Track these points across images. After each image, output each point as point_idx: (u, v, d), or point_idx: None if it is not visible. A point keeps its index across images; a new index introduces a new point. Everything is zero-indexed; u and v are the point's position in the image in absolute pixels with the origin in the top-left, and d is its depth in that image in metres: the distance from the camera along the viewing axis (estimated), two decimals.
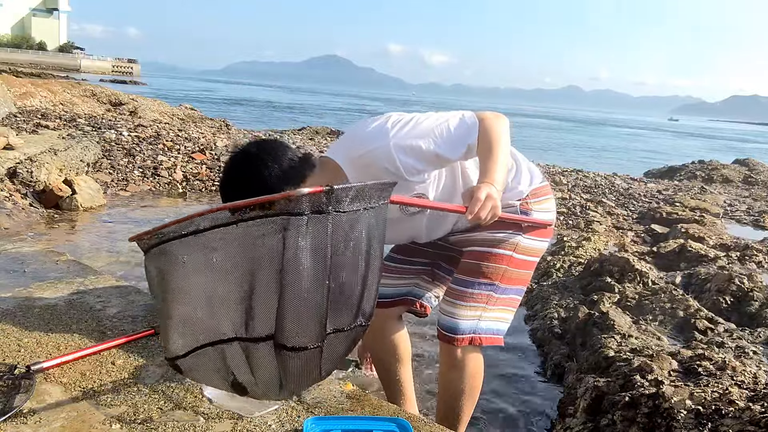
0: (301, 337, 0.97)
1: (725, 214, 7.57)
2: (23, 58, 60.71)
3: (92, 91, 12.56)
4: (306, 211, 0.91)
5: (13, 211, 4.16)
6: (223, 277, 0.94)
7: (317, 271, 0.95)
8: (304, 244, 0.92)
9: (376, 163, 1.47)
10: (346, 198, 0.97)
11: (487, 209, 1.36)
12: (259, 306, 0.95)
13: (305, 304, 0.96)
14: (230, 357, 1.00)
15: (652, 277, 3.66)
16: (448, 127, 1.49)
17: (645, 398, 1.98)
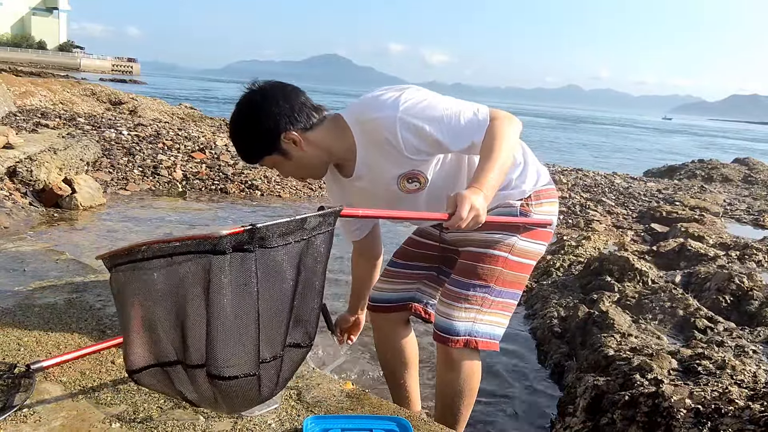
0: (231, 368, 1.00)
1: (725, 213, 7.57)
2: (23, 57, 60.68)
3: (92, 90, 12.56)
4: (228, 249, 0.94)
5: (13, 210, 4.15)
6: (160, 305, 0.99)
7: (243, 306, 0.98)
8: (227, 280, 0.95)
9: (379, 132, 1.47)
10: (272, 235, 0.99)
11: (468, 220, 1.33)
12: (191, 335, 1.00)
13: (232, 337, 0.99)
14: (176, 378, 1.05)
15: (651, 276, 3.66)
16: (458, 117, 1.47)
17: (645, 397, 1.98)
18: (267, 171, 6.55)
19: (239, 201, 5.78)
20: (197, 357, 1.01)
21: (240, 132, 1.50)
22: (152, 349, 1.03)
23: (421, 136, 1.46)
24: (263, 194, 6.08)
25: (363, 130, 1.51)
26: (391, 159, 1.51)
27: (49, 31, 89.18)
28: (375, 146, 1.51)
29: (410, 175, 1.55)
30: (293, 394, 1.52)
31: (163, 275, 0.97)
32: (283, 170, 1.56)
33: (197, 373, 1.02)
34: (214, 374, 1.00)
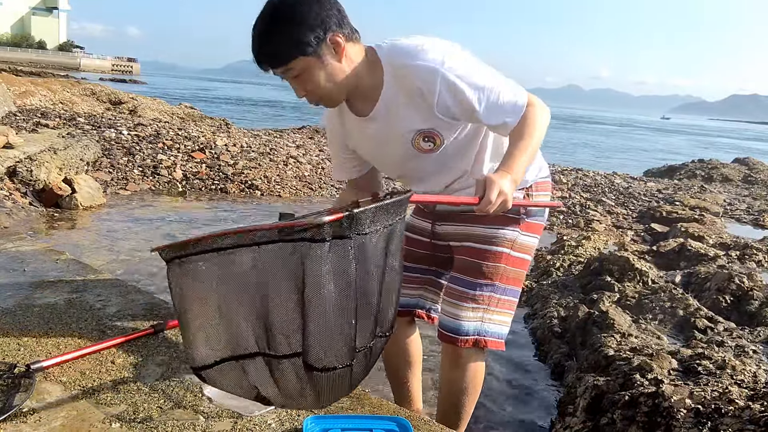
0: (330, 359, 0.97)
1: (725, 213, 7.57)
2: (23, 57, 60.68)
3: (92, 90, 12.56)
4: (327, 237, 0.90)
5: (13, 210, 4.15)
6: (243, 295, 0.94)
7: (342, 295, 0.95)
8: (327, 268, 0.91)
9: (413, 80, 1.40)
10: (367, 221, 0.97)
11: (496, 205, 1.33)
12: (281, 325, 0.95)
13: (332, 327, 0.96)
14: (252, 372, 1.00)
15: (651, 276, 3.66)
16: (498, 93, 1.43)
17: (645, 397, 1.98)
18: (267, 171, 6.55)
19: (239, 201, 5.78)
20: (288, 347, 0.96)
21: (278, 23, 1.33)
22: (228, 342, 0.97)
23: (457, 99, 1.40)
24: (263, 194, 6.08)
25: (396, 74, 1.42)
26: (416, 111, 1.45)
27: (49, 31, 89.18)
28: (404, 93, 1.44)
29: (428, 133, 1.48)
30: None
31: (252, 264, 0.92)
32: (308, 79, 1.37)
33: (285, 364, 0.97)
34: (311, 364, 0.96)
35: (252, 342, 0.97)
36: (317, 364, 0.96)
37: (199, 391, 1.47)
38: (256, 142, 7.75)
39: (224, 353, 0.98)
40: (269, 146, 7.58)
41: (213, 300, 0.96)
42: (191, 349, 1.00)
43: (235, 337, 0.97)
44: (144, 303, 2.02)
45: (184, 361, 1.63)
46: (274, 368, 0.98)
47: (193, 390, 1.48)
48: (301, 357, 0.96)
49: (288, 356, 0.96)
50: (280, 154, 7.25)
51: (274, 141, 8.26)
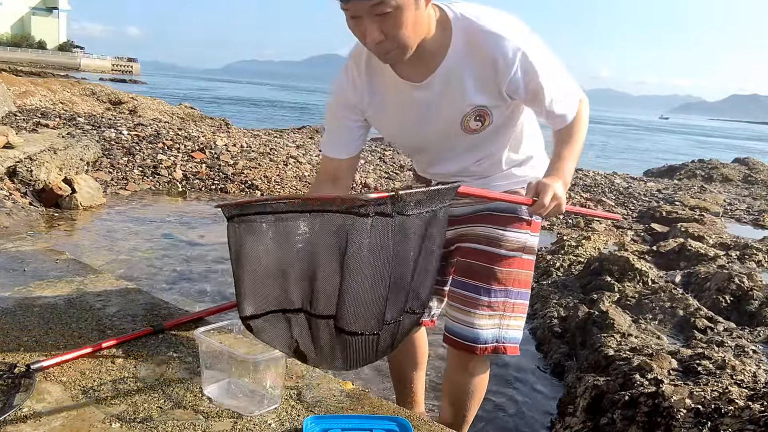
0: (358, 325, 1.04)
1: (725, 213, 7.57)
2: (23, 57, 60.67)
3: (92, 90, 12.56)
4: (371, 213, 0.97)
5: (13, 209, 4.15)
6: (293, 255, 1.04)
7: (377, 268, 1.01)
8: (367, 241, 0.99)
9: (491, 51, 1.30)
10: (410, 203, 1.01)
11: (550, 209, 1.35)
12: (322, 288, 1.04)
13: (364, 296, 1.03)
14: (295, 326, 1.09)
15: (651, 276, 3.66)
16: (565, 86, 1.41)
17: (645, 397, 1.98)
18: (267, 171, 6.55)
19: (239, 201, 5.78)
20: (325, 308, 1.04)
21: None
22: (277, 296, 1.07)
23: (528, 80, 1.34)
24: (263, 194, 6.08)
25: (471, 40, 1.31)
26: (481, 84, 1.35)
27: (49, 31, 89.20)
28: (475, 62, 1.33)
29: (482, 111, 1.40)
30: (293, 393, 1.52)
31: (306, 228, 1.01)
32: (396, 20, 1.22)
33: (320, 324, 1.05)
34: (342, 327, 1.03)
35: (298, 298, 1.07)
36: (346, 327, 1.03)
37: (199, 392, 1.47)
38: (256, 142, 7.75)
39: (272, 305, 1.08)
40: (269, 146, 7.59)
41: (267, 257, 1.05)
42: (242, 300, 1.10)
43: (284, 292, 1.07)
44: (144, 303, 2.02)
45: (184, 360, 1.63)
46: (313, 325, 1.07)
47: (193, 390, 1.48)
48: (334, 320, 1.03)
49: (324, 317, 1.04)
50: (280, 154, 7.25)
51: (274, 141, 8.26)
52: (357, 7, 1.18)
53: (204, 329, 1.46)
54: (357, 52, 1.44)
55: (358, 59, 1.44)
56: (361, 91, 1.45)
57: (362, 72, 1.43)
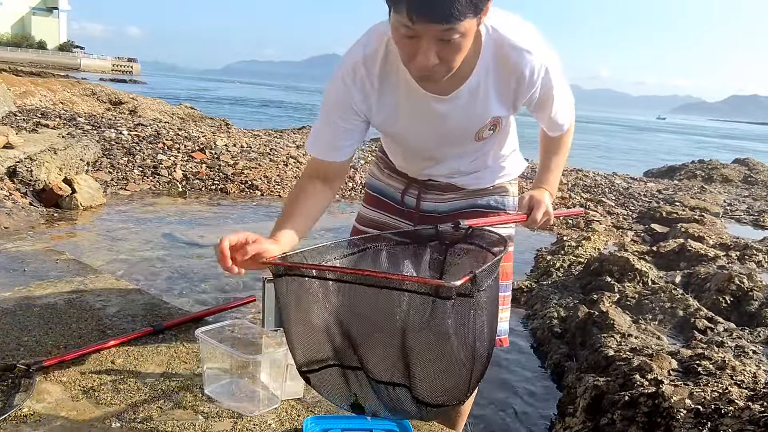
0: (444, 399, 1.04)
1: (725, 214, 7.57)
2: (23, 57, 60.68)
3: (92, 90, 12.56)
4: (453, 296, 0.96)
5: (13, 210, 4.15)
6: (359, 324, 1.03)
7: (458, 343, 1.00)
8: (450, 322, 0.98)
9: (513, 65, 1.28)
10: (485, 279, 1.01)
11: (541, 222, 1.44)
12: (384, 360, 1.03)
13: (454, 371, 1.02)
14: (353, 381, 1.09)
15: (651, 277, 3.66)
16: (568, 98, 1.45)
17: (644, 397, 1.98)
18: (267, 171, 6.55)
19: (239, 201, 5.78)
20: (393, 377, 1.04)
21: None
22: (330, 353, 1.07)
23: (544, 93, 1.36)
24: (263, 194, 6.08)
25: (497, 54, 1.28)
26: (502, 96, 1.34)
27: (49, 31, 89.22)
28: (500, 74, 1.31)
29: (496, 121, 1.40)
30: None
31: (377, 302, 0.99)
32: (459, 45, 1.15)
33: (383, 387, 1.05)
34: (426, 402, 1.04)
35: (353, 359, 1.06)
36: (428, 400, 1.04)
37: (199, 391, 1.47)
38: (256, 142, 7.75)
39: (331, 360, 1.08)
40: (269, 146, 7.59)
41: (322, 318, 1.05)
42: (297, 355, 1.09)
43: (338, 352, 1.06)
44: (144, 303, 2.02)
45: (184, 360, 1.63)
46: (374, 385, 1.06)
47: (193, 390, 1.48)
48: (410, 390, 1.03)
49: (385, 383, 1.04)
50: (280, 155, 7.25)
51: (274, 141, 8.26)
52: (426, 30, 1.09)
53: (204, 329, 1.46)
54: (370, 56, 1.32)
55: (370, 63, 1.32)
56: (369, 95, 1.35)
57: (374, 77, 1.33)
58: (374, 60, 1.31)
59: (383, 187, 1.68)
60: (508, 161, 1.63)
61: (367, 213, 1.70)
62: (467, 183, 1.58)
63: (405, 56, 1.19)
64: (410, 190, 1.61)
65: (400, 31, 1.13)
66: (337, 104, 1.36)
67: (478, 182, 1.58)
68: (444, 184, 1.58)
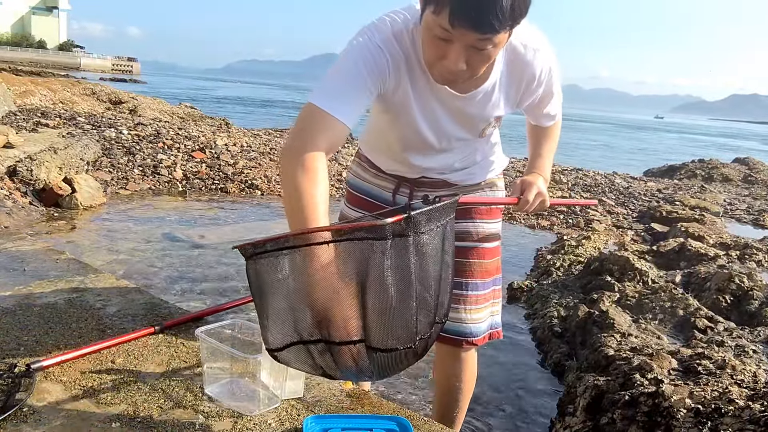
0: (392, 343, 1.05)
1: (725, 213, 7.57)
2: (23, 57, 60.68)
3: (92, 90, 12.55)
4: (389, 236, 0.99)
5: (13, 209, 4.15)
6: (308, 288, 1.04)
7: (403, 287, 1.02)
8: (389, 263, 1.00)
9: (523, 67, 1.32)
10: (423, 221, 1.04)
11: (535, 205, 1.44)
12: (344, 315, 1.03)
13: (395, 314, 1.04)
14: (316, 354, 1.09)
15: (651, 276, 3.66)
16: (560, 95, 1.51)
17: (645, 397, 1.98)
18: (267, 170, 6.55)
19: (239, 200, 5.78)
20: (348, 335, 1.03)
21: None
22: (292, 329, 1.08)
23: (545, 92, 1.42)
24: (263, 194, 6.08)
25: (510, 58, 1.31)
26: (510, 96, 1.38)
27: (49, 31, 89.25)
28: (512, 76, 1.35)
29: (499, 118, 1.44)
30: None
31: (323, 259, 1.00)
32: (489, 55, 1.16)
33: (343, 349, 1.05)
34: (375, 347, 1.04)
35: (314, 330, 1.05)
36: (381, 346, 1.04)
37: (200, 391, 1.47)
38: (257, 141, 7.75)
39: (293, 338, 1.08)
40: (269, 146, 7.59)
41: (283, 292, 1.06)
42: (266, 333, 1.10)
43: (301, 324, 1.06)
44: (144, 303, 2.02)
45: (184, 360, 1.63)
46: (334, 352, 1.06)
47: (193, 390, 1.48)
48: (363, 343, 1.04)
49: (348, 342, 1.04)
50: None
51: (274, 140, 8.26)
52: (462, 36, 1.09)
53: (204, 328, 1.46)
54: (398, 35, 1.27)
55: (399, 42, 1.28)
56: (397, 71, 1.29)
57: (402, 56, 1.28)
58: (401, 40, 1.28)
59: (369, 187, 1.66)
60: (495, 155, 1.65)
61: (352, 214, 1.69)
62: (460, 179, 1.60)
63: (432, 56, 1.19)
64: (402, 189, 1.60)
65: (433, 31, 1.13)
66: (372, 64, 1.24)
67: (470, 178, 1.60)
68: (436, 181, 1.58)
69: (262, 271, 1.05)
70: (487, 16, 1.05)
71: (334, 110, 1.19)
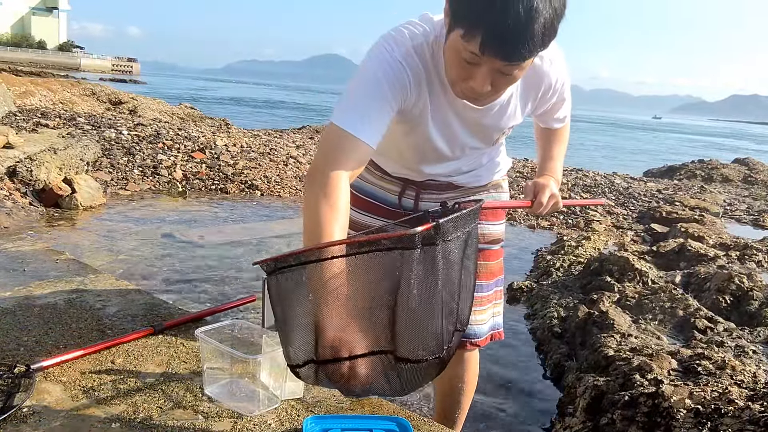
0: (420, 353, 1.03)
1: (725, 214, 7.57)
2: (23, 57, 60.69)
3: (92, 90, 12.55)
4: (418, 245, 0.97)
5: (13, 209, 4.15)
6: (334, 301, 1.00)
7: (431, 295, 1.00)
8: (416, 272, 0.98)
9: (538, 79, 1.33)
10: (450, 229, 1.02)
11: (548, 207, 1.43)
12: (370, 326, 1.01)
13: (423, 324, 1.02)
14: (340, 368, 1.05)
15: (651, 277, 3.66)
16: (569, 101, 1.51)
17: (644, 397, 1.98)
18: (267, 171, 6.55)
19: (239, 201, 5.78)
20: (375, 345, 1.01)
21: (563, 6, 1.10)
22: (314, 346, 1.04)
23: (558, 99, 1.44)
24: (263, 194, 6.08)
25: (528, 71, 1.25)
26: (522, 106, 1.38)
27: (49, 31, 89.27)
28: (527, 87, 1.35)
29: (511, 127, 1.45)
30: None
31: (345, 273, 0.97)
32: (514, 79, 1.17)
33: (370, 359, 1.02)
34: (404, 357, 1.01)
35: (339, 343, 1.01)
36: (410, 356, 1.01)
37: (199, 391, 1.47)
38: (256, 142, 7.75)
39: (314, 355, 1.04)
40: (269, 146, 7.59)
41: (307, 306, 1.02)
42: (288, 349, 1.06)
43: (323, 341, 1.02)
44: (144, 303, 2.02)
45: (184, 360, 1.63)
46: (359, 365, 1.03)
47: (193, 390, 1.48)
48: (392, 353, 1.01)
49: (373, 353, 1.02)
50: (280, 154, 7.25)
51: (274, 141, 8.26)
52: (492, 62, 1.09)
53: (204, 329, 1.46)
54: (419, 47, 1.26)
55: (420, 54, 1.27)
56: (418, 84, 1.28)
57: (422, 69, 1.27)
58: (422, 54, 1.27)
59: (375, 190, 1.65)
60: (500, 157, 1.66)
61: (358, 218, 1.66)
62: (466, 181, 1.59)
63: (456, 76, 1.18)
64: (407, 191, 1.59)
65: (461, 54, 1.12)
66: (393, 81, 1.22)
67: (477, 180, 1.60)
68: (442, 183, 1.58)
69: (285, 286, 1.02)
70: (519, 46, 1.05)
71: (358, 132, 1.18)
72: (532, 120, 1.61)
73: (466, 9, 1.07)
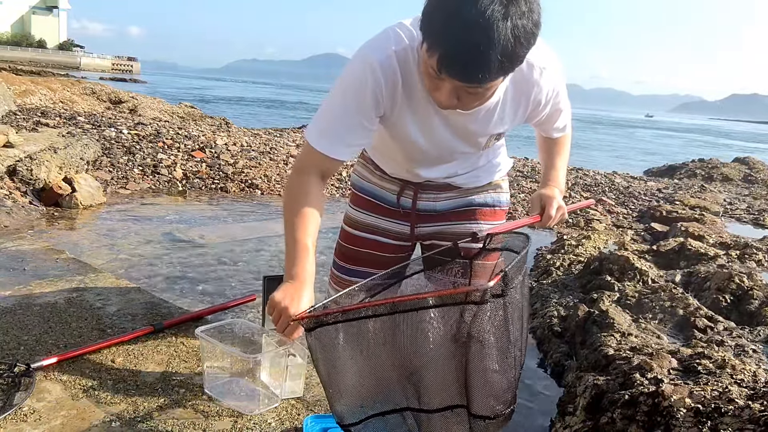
0: (498, 407, 1.00)
1: (725, 213, 7.57)
2: (23, 56, 60.67)
3: (92, 89, 12.55)
4: (489, 299, 0.93)
5: (13, 209, 4.15)
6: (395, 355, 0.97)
7: (503, 346, 0.99)
8: (489, 326, 0.95)
9: (529, 86, 1.29)
10: (515, 276, 1.00)
11: (556, 218, 1.45)
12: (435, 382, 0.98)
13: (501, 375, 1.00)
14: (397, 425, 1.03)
15: (651, 276, 3.66)
16: (568, 110, 1.50)
17: (644, 396, 1.98)
18: (267, 170, 6.55)
19: (239, 200, 5.78)
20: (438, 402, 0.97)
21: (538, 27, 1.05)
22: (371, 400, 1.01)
23: (553, 108, 1.41)
24: (263, 193, 6.08)
25: (517, 77, 1.24)
26: (513, 114, 1.35)
27: (49, 30, 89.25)
28: (517, 96, 1.31)
29: (502, 133, 1.43)
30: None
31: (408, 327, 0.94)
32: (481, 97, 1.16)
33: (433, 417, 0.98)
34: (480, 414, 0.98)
35: (400, 398, 1.00)
36: (486, 412, 0.98)
37: (200, 391, 1.47)
38: (257, 141, 7.75)
39: (372, 410, 1.01)
40: (269, 145, 7.58)
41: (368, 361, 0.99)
42: (338, 406, 1.01)
43: (383, 394, 1.00)
44: (144, 302, 2.02)
45: (184, 359, 1.63)
46: (422, 422, 1.00)
47: (193, 389, 1.48)
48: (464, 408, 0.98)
49: (441, 409, 0.98)
50: (281, 154, 7.25)
51: (274, 140, 8.26)
52: (452, 81, 1.07)
53: (204, 328, 1.46)
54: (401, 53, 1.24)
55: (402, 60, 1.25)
56: (395, 91, 1.28)
57: (401, 74, 1.26)
58: (404, 58, 1.25)
59: (375, 189, 1.65)
60: (500, 157, 1.66)
61: (359, 216, 1.66)
62: (464, 182, 1.60)
63: (428, 86, 1.18)
64: (406, 191, 1.59)
65: (426, 66, 1.11)
66: (363, 96, 1.24)
67: (475, 181, 1.61)
68: (440, 184, 1.58)
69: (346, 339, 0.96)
70: (475, 70, 1.01)
71: (329, 152, 1.27)
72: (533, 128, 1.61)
73: (427, 24, 1.04)
